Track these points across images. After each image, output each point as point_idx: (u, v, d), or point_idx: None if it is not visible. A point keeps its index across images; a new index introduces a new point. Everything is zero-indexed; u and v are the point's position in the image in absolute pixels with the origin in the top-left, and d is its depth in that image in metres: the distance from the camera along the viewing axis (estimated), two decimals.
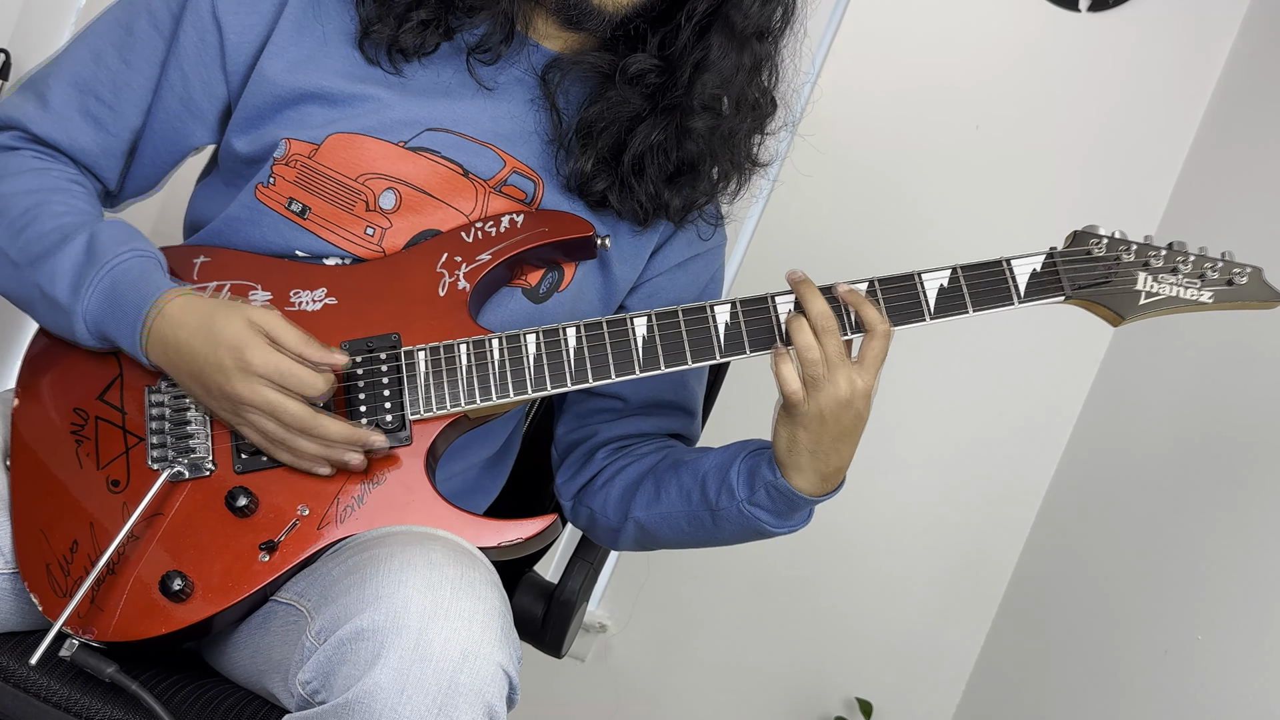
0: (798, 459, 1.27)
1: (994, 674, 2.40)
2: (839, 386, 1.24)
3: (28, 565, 1.23)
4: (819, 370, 1.24)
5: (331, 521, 1.24)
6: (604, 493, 1.44)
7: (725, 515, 1.34)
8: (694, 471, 1.37)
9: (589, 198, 1.38)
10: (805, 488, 1.29)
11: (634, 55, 1.34)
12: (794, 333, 1.25)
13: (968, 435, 2.43)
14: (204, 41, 1.33)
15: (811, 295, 1.26)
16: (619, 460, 1.46)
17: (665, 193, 1.38)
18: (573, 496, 1.49)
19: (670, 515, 1.38)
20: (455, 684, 1.03)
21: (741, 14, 1.35)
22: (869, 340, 1.26)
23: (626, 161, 1.35)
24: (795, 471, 1.28)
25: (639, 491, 1.41)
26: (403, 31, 1.32)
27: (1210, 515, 1.96)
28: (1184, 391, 2.15)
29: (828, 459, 1.27)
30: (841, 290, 1.27)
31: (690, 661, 2.50)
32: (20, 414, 1.30)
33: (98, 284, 1.24)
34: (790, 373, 1.25)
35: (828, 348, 1.24)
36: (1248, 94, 2.28)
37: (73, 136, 1.35)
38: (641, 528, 1.41)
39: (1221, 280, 1.31)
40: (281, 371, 1.19)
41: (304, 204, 1.33)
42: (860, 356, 1.26)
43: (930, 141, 2.40)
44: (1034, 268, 1.31)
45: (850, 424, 1.26)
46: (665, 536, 1.40)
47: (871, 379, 1.26)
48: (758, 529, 1.34)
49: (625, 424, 1.47)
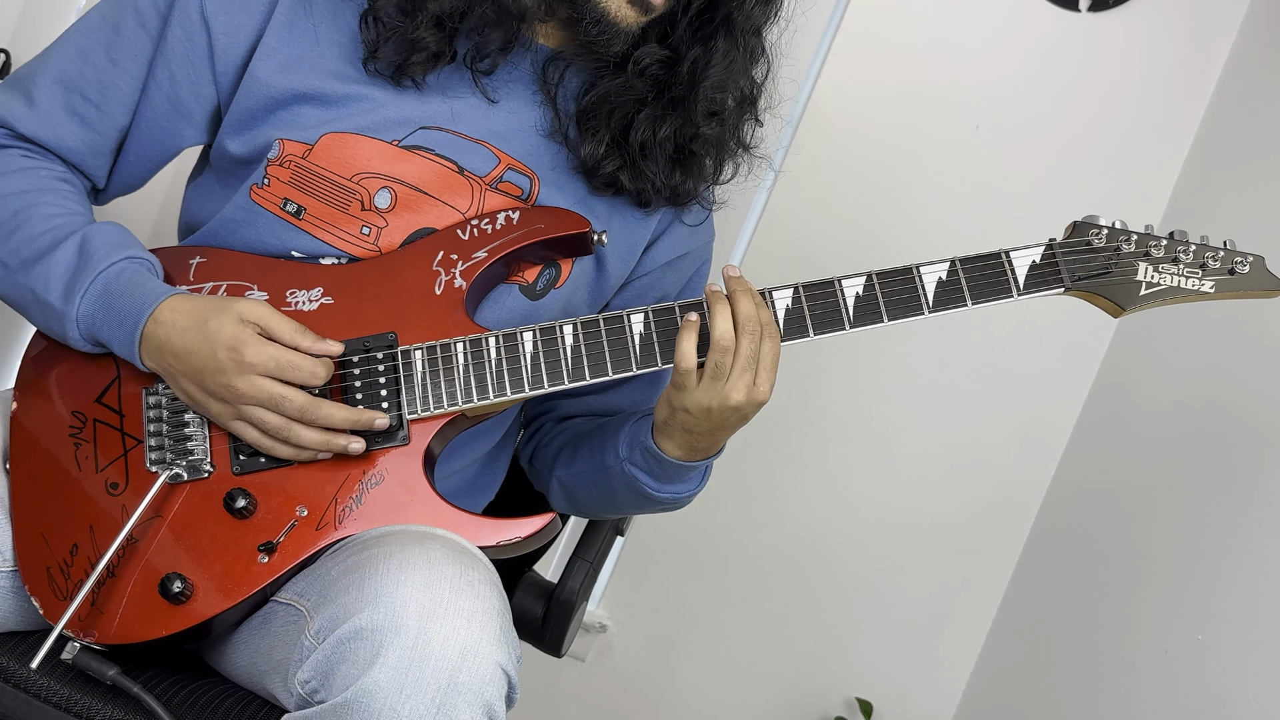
0: (671, 431, 1.29)
1: (994, 674, 2.39)
2: (736, 391, 1.23)
3: (28, 569, 1.23)
4: (726, 361, 1.23)
5: (330, 522, 1.24)
6: (544, 454, 1.49)
7: (613, 474, 1.36)
8: (601, 433, 1.40)
9: (599, 179, 1.38)
10: (672, 452, 1.31)
11: (646, 47, 1.35)
12: (715, 314, 1.24)
13: (968, 434, 2.43)
14: (192, 42, 1.33)
15: (743, 294, 1.25)
16: (563, 425, 1.50)
17: (670, 175, 1.39)
18: (528, 460, 1.54)
19: (581, 474, 1.42)
20: (454, 683, 1.03)
21: (744, 14, 1.36)
22: (767, 343, 1.25)
23: (634, 143, 1.36)
24: (666, 439, 1.31)
25: (563, 452, 1.45)
26: (411, 63, 1.32)
27: (1211, 515, 1.96)
28: (1184, 391, 2.15)
29: (700, 439, 1.29)
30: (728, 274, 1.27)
31: (690, 661, 2.50)
32: (19, 417, 1.31)
33: (90, 288, 1.24)
34: (690, 347, 1.25)
35: (742, 348, 1.23)
36: (1248, 94, 2.28)
37: (59, 135, 1.35)
38: (563, 486, 1.45)
39: (1223, 269, 1.31)
40: (280, 363, 1.20)
41: (299, 204, 1.33)
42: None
43: (930, 141, 2.40)
44: (1033, 259, 1.31)
45: (735, 422, 1.27)
46: (581, 497, 1.44)
47: (770, 390, 1.25)
48: (641, 491, 1.35)
49: (583, 401, 1.50)
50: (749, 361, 1.23)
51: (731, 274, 1.27)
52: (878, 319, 1.29)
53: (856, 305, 1.29)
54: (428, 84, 1.35)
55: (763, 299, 1.27)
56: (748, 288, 1.26)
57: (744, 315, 1.24)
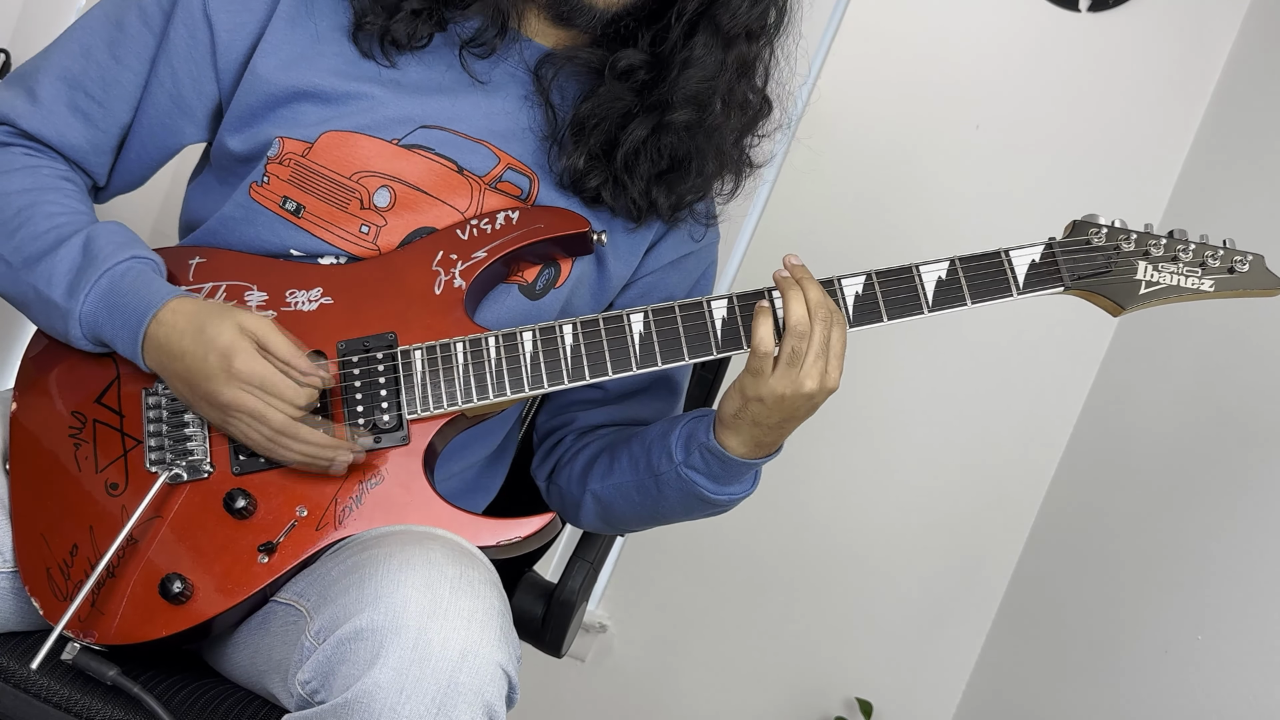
0: (740, 424, 1.28)
1: (994, 674, 2.39)
2: (811, 378, 1.23)
3: (28, 569, 1.23)
4: (802, 346, 1.23)
5: (330, 522, 1.24)
6: (568, 469, 1.46)
7: (666, 480, 1.34)
8: (642, 440, 1.38)
9: (583, 194, 1.38)
10: (737, 450, 1.29)
11: (623, 50, 1.34)
12: (789, 300, 1.24)
13: (967, 434, 2.43)
14: (194, 39, 1.33)
15: (811, 282, 1.26)
16: (586, 438, 1.47)
17: (655, 190, 1.38)
18: (546, 478, 1.50)
19: (621, 485, 1.39)
20: (454, 683, 1.03)
21: (729, 14, 1.34)
22: (836, 329, 1.25)
23: (619, 158, 1.35)
24: (732, 434, 1.29)
25: (596, 464, 1.42)
26: (394, 22, 1.32)
27: (1211, 514, 1.96)
28: (1184, 391, 2.15)
29: (768, 433, 1.28)
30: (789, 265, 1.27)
31: (690, 661, 2.50)
32: (19, 417, 1.31)
33: (95, 287, 1.24)
34: (769, 332, 1.24)
35: (816, 334, 1.24)
36: (1248, 94, 2.28)
37: (61, 132, 1.35)
38: (598, 500, 1.42)
39: (1223, 268, 1.31)
40: (263, 380, 1.19)
41: (298, 202, 1.33)
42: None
43: (930, 141, 2.40)
44: (1033, 258, 1.31)
45: (804, 413, 1.27)
46: (620, 509, 1.41)
47: (839, 377, 1.25)
48: (697, 494, 1.34)
49: (603, 412, 1.49)
50: (822, 348, 1.23)
51: (795, 262, 1.27)
52: (877, 318, 1.29)
53: (856, 304, 1.29)
54: (425, 79, 1.35)
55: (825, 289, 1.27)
56: (812, 276, 1.26)
57: (815, 302, 1.24)
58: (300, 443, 1.21)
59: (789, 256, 1.28)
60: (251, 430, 1.21)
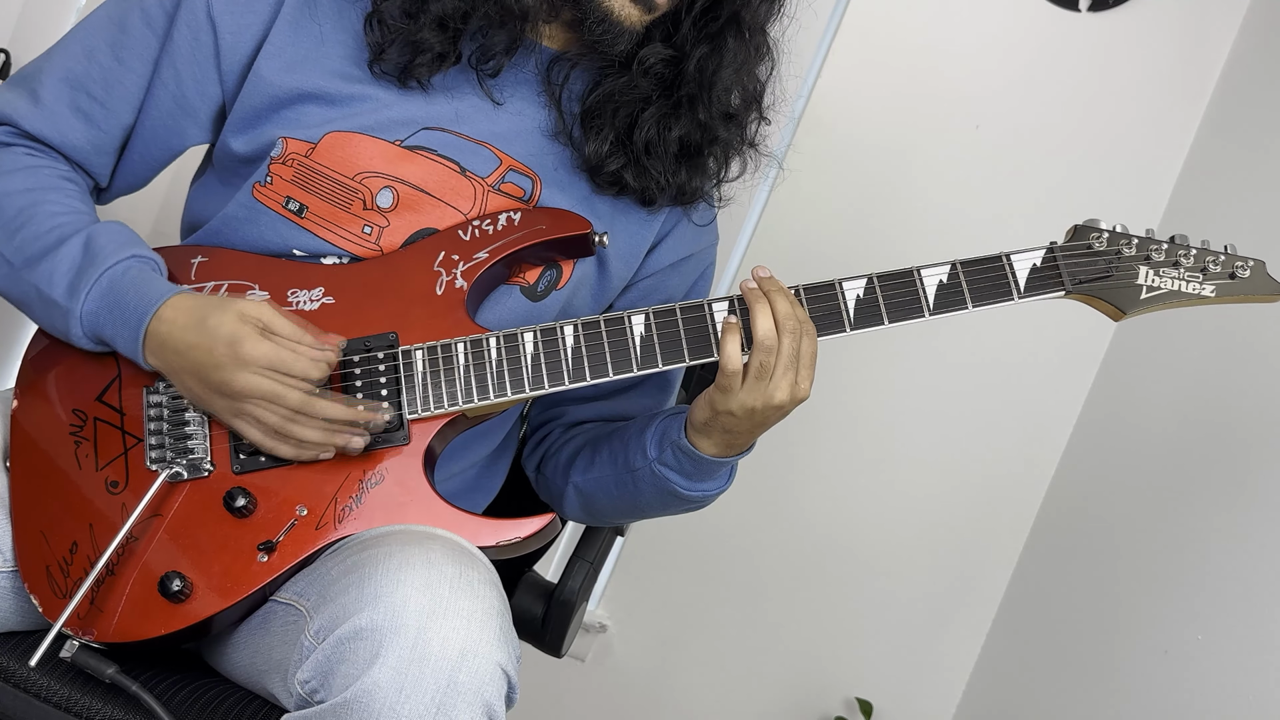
0: (711, 432, 1.30)
1: (994, 674, 2.39)
2: (780, 390, 1.24)
3: (28, 567, 1.23)
4: (770, 360, 1.24)
5: (330, 521, 1.24)
6: (554, 460, 1.48)
7: (641, 476, 1.36)
8: (622, 435, 1.39)
9: (603, 177, 1.38)
10: (709, 450, 1.31)
11: (651, 47, 1.35)
12: (756, 314, 1.25)
13: (968, 436, 2.43)
14: (198, 40, 1.33)
15: (779, 293, 1.26)
16: (573, 431, 1.49)
17: (676, 172, 1.39)
18: (534, 469, 1.52)
19: (601, 479, 1.41)
20: (454, 683, 1.03)
21: (751, 11, 1.37)
22: (806, 340, 1.26)
23: (638, 141, 1.36)
24: (704, 439, 1.31)
25: (579, 457, 1.44)
26: (416, 65, 1.32)
27: (1211, 515, 1.96)
28: (1184, 391, 2.15)
29: (739, 438, 1.30)
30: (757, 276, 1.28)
31: (690, 661, 2.50)
32: (20, 415, 1.31)
33: (95, 286, 1.24)
34: (736, 349, 1.25)
35: (784, 346, 1.24)
36: (1248, 94, 2.28)
37: (64, 133, 1.35)
38: (580, 492, 1.44)
39: (1224, 274, 1.31)
40: (276, 360, 1.19)
41: (301, 203, 1.33)
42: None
43: (930, 141, 2.40)
44: (1034, 262, 1.31)
45: (774, 421, 1.28)
46: (600, 501, 1.43)
47: (810, 387, 1.26)
48: (671, 490, 1.35)
49: (592, 407, 1.50)
50: (791, 360, 1.24)
51: (763, 274, 1.28)
52: (878, 321, 1.30)
53: (857, 307, 1.30)
54: (433, 85, 1.35)
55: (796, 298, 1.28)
56: (781, 287, 1.27)
57: (783, 314, 1.24)
58: (319, 419, 1.21)
59: (757, 268, 1.29)
60: (269, 414, 1.21)
